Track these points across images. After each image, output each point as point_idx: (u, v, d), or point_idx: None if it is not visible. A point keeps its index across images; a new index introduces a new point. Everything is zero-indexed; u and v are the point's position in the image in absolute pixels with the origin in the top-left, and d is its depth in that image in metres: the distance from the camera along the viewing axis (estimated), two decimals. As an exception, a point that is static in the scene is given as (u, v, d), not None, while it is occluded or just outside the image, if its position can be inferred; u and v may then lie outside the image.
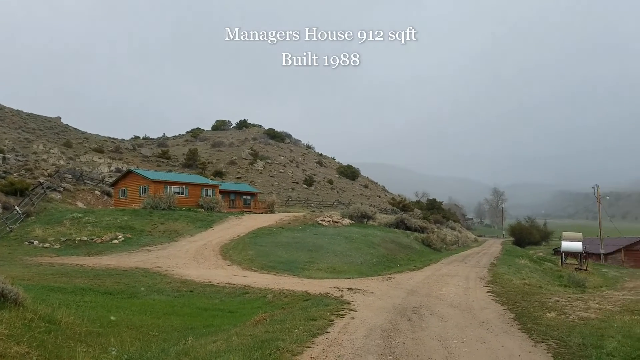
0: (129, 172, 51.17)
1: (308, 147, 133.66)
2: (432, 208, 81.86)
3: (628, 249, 55.48)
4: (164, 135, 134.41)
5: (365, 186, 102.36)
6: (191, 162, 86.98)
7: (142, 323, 11.57)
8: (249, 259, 26.54)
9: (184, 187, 48.20)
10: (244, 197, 58.45)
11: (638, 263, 53.16)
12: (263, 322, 11.14)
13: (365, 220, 45.11)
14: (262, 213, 51.73)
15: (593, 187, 54.72)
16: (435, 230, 50.34)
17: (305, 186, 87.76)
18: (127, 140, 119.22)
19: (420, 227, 47.64)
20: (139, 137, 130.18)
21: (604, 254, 52.47)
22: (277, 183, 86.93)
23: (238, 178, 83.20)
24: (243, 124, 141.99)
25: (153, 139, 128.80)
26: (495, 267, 27.57)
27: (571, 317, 13.34)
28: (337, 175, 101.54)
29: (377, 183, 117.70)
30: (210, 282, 19.39)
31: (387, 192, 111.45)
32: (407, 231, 44.42)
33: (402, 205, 70.53)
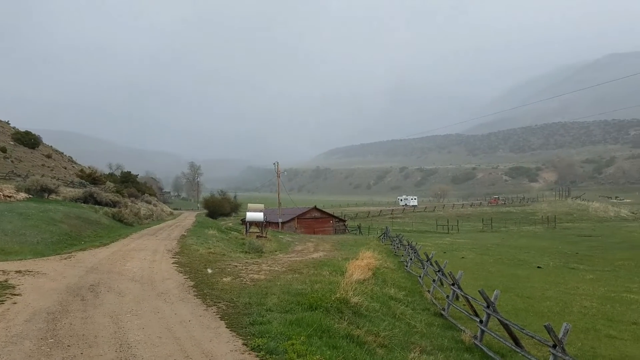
0: None
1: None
2: (127, 181, 78.44)
3: (300, 218, 65.14)
4: None
5: (49, 156, 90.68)
6: None
7: None
8: None
9: None
10: None
11: (308, 229, 63.03)
12: None
13: (47, 194, 40.00)
14: None
15: (274, 164, 61.87)
16: (129, 204, 48.49)
17: (-35, 154, 71.56)
18: None
19: (112, 201, 45.10)
20: None
21: (281, 222, 60.16)
22: None
23: None
24: None
25: None
26: (184, 239, 28.32)
27: (244, 280, 14.78)
28: (12, 143, 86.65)
29: (62, 153, 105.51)
30: None
31: (76, 163, 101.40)
32: (97, 206, 41.43)
33: (92, 178, 65.19)
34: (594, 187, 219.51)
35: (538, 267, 32.61)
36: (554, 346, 8.36)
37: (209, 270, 16.32)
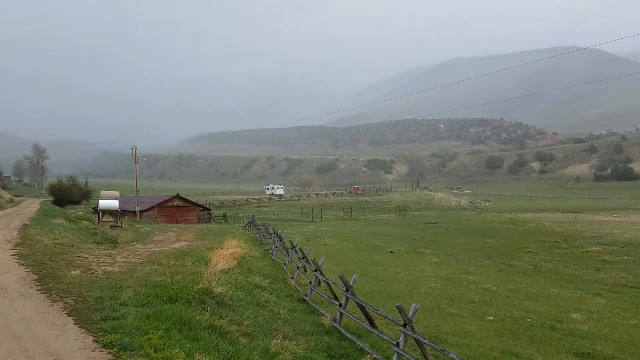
0: None
1: None
2: (-48, 164, 67.89)
3: (161, 206, 62.10)
4: None
5: None
6: None
7: None
8: None
9: None
10: None
11: (169, 218, 60.32)
12: None
13: None
14: None
15: (131, 148, 58.04)
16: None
17: None
18: None
19: None
20: None
21: (139, 211, 56.79)
22: None
23: None
24: None
25: None
26: (27, 229, 25.45)
27: (96, 273, 13.69)
28: None
29: None
30: None
31: None
32: None
33: None
34: (439, 179, 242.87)
35: (391, 252, 35.16)
36: (405, 325, 9.02)
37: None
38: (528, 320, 14.80)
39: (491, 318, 14.79)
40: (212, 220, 67.31)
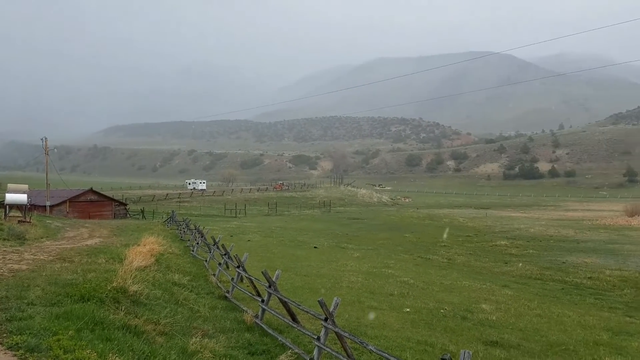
0: None
1: None
2: None
3: (73, 200, 58.50)
4: None
5: None
6: None
7: None
8: None
9: None
10: None
11: (82, 214, 56.96)
12: None
13: None
14: None
15: (42, 139, 54.17)
16: None
17: None
18: None
19: None
20: None
21: (50, 206, 53.17)
22: None
23: None
24: None
25: None
26: None
27: (1, 271, 12.80)
28: None
29: None
30: None
31: None
32: None
33: None
34: (362, 175, 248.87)
35: (315, 247, 35.53)
36: (326, 319, 9.13)
37: None
38: (442, 311, 15.54)
39: (408, 310, 15.38)
40: (128, 215, 64.48)
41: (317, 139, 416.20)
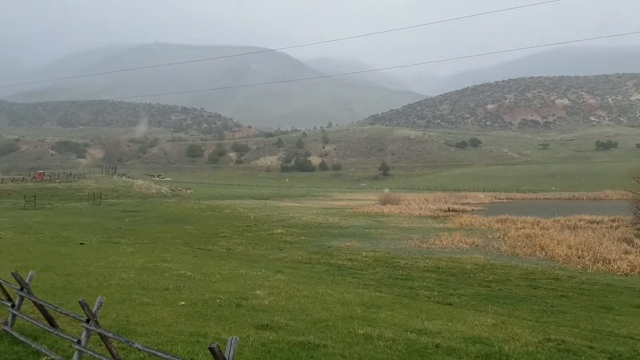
0: None
1: None
2: None
3: None
4: None
5: None
6: None
7: None
8: None
9: None
10: None
11: None
12: None
13: None
14: None
15: None
16: None
17: None
18: None
19: None
20: None
21: None
22: None
23: None
24: None
25: None
26: None
27: None
28: None
29: None
30: None
31: None
32: None
33: None
34: (139, 165, 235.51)
35: (81, 243, 32.30)
36: (88, 320, 8.42)
37: None
38: (217, 301, 15.69)
39: (183, 303, 15.13)
40: None
41: (86, 124, 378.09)
